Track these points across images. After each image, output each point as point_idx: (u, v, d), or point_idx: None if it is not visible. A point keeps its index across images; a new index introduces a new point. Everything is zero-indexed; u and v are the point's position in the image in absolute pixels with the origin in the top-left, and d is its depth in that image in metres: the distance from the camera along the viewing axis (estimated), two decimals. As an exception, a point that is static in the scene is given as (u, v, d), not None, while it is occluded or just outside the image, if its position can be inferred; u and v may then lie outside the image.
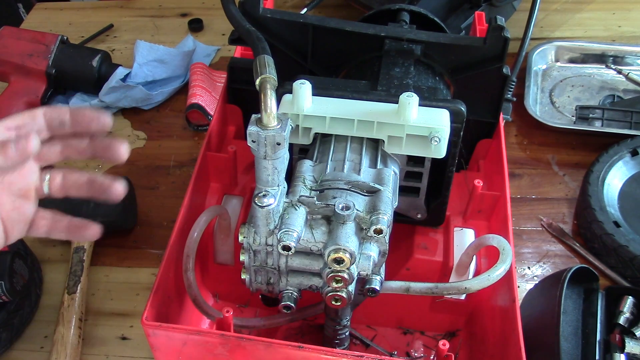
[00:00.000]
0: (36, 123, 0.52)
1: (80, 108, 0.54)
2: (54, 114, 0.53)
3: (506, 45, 0.69)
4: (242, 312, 0.80)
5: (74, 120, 0.54)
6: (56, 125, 0.54)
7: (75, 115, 0.54)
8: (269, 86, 0.50)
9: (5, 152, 0.48)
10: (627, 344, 0.72)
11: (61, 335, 0.78)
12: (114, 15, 1.36)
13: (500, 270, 0.59)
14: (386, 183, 0.57)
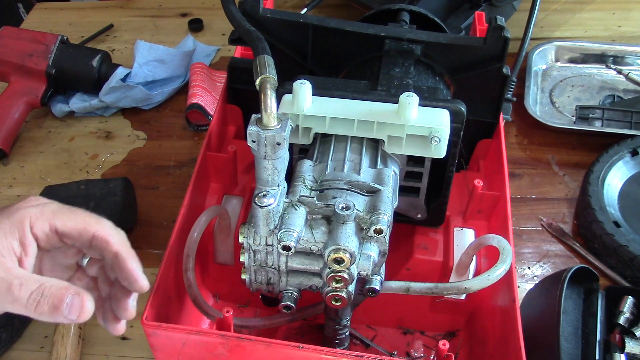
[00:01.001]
0: (82, 240, 0.50)
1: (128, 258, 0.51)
2: (100, 244, 0.50)
3: (506, 45, 0.69)
4: (242, 312, 0.80)
5: (115, 264, 0.51)
6: (94, 255, 0.53)
7: (117, 262, 0.51)
8: (269, 86, 0.50)
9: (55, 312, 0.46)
10: (627, 344, 0.72)
11: (61, 335, 0.78)
12: (114, 15, 1.36)
13: (500, 270, 0.59)
14: (386, 183, 0.57)
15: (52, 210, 0.48)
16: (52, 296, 0.46)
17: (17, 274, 0.46)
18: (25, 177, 1.04)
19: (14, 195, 1.01)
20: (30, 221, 0.47)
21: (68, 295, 0.46)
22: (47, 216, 0.48)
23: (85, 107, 1.11)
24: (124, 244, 0.51)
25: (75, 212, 0.49)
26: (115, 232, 0.50)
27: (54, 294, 0.46)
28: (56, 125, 1.12)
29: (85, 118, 1.13)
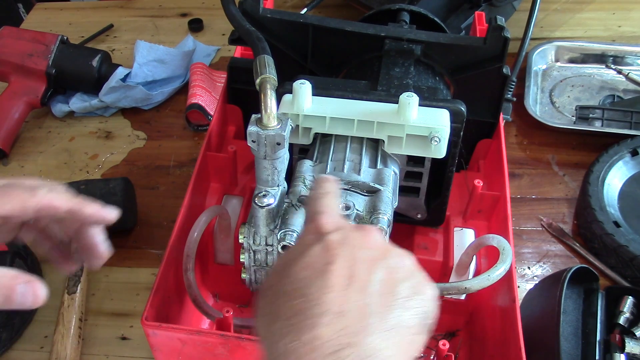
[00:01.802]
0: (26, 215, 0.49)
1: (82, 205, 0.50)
2: (49, 211, 0.49)
3: (506, 45, 0.69)
4: (242, 312, 0.80)
5: (69, 216, 0.51)
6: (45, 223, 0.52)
7: (76, 215, 0.51)
8: (269, 86, 0.50)
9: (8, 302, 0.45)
10: (627, 344, 0.72)
11: (61, 335, 0.78)
12: (114, 15, 1.36)
13: (500, 270, 0.59)
14: (386, 183, 0.57)
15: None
16: (3, 287, 0.45)
17: None
18: (25, 177, 1.03)
19: (14, 195, 1.00)
20: None
21: (18, 285, 0.46)
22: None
23: (85, 107, 1.11)
24: (69, 198, 0.51)
25: (11, 193, 0.48)
26: (54, 193, 0.50)
27: (4, 285, 0.45)
28: (56, 125, 1.12)
29: (85, 118, 1.13)
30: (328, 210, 0.44)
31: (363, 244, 0.41)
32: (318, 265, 0.39)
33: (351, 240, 0.41)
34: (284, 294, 0.39)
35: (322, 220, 0.42)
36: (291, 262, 0.40)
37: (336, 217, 0.43)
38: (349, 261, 0.39)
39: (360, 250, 0.40)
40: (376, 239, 0.42)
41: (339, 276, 0.38)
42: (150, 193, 0.98)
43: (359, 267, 0.39)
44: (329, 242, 0.40)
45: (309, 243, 0.41)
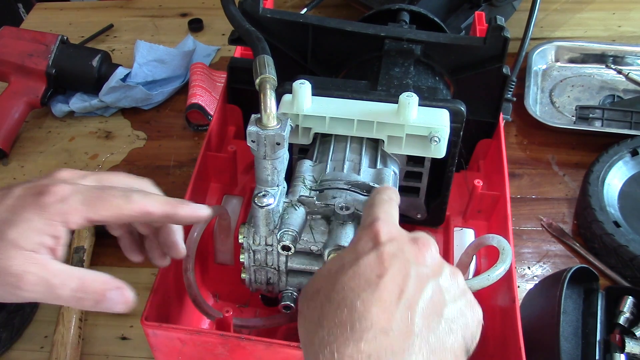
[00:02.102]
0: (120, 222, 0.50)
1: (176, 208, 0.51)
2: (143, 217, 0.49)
3: (506, 45, 0.69)
4: (242, 312, 0.80)
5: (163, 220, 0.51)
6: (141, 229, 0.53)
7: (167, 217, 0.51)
8: (268, 86, 0.50)
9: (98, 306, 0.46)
10: (627, 344, 0.72)
11: (61, 335, 0.78)
12: (114, 15, 1.36)
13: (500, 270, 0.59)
14: (386, 183, 0.57)
15: (84, 200, 0.46)
16: (94, 293, 0.46)
17: (55, 270, 0.45)
18: (25, 177, 1.04)
19: (14, 195, 1.00)
20: (64, 218, 0.45)
21: (109, 291, 0.46)
22: (80, 210, 0.45)
23: (85, 107, 1.11)
24: (163, 202, 0.51)
25: (106, 199, 0.47)
26: (149, 198, 0.49)
27: (96, 290, 0.46)
28: (56, 125, 1.12)
29: (85, 118, 1.13)
30: (387, 218, 0.44)
31: (417, 259, 0.41)
32: (369, 275, 0.39)
33: (406, 253, 0.41)
34: (330, 301, 0.39)
35: (380, 228, 0.42)
36: (342, 268, 0.40)
37: (394, 227, 0.43)
38: (400, 276, 0.39)
39: (412, 266, 0.40)
40: (431, 254, 0.43)
41: (388, 291, 0.38)
42: (150, 193, 0.98)
43: (410, 283, 0.39)
44: (384, 253, 0.40)
45: (363, 251, 0.41)
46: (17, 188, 0.46)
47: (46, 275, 0.44)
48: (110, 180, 0.50)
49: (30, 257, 0.44)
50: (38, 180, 0.48)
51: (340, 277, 0.39)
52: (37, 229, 0.44)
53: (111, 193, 0.47)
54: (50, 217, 0.45)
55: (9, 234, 0.43)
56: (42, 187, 0.46)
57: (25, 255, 0.43)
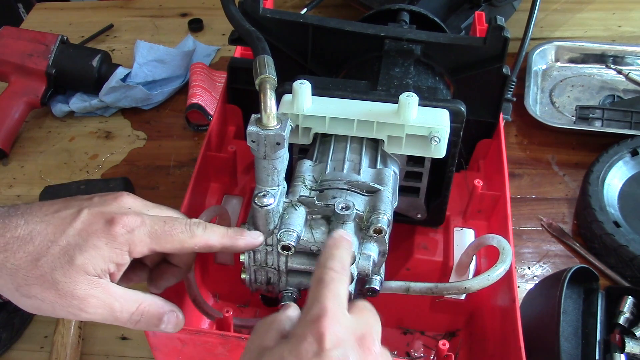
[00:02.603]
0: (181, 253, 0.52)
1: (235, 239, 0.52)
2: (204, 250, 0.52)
3: (506, 45, 0.69)
4: (242, 312, 0.80)
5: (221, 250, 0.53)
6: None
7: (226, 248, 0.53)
8: (268, 86, 0.50)
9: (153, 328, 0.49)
10: (627, 344, 0.72)
11: (61, 335, 0.78)
12: (114, 15, 1.36)
13: (500, 270, 0.59)
14: (386, 183, 0.57)
15: (150, 233, 0.48)
16: (151, 316, 0.49)
17: (117, 295, 0.47)
18: (25, 177, 1.04)
19: (14, 195, 1.01)
20: (130, 248, 0.47)
21: (165, 315, 0.50)
22: (145, 242, 0.48)
23: (85, 107, 1.11)
24: (222, 234, 0.52)
25: (171, 233, 0.49)
26: (210, 232, 0.51)
27: (152, 314, 0.49)
28: (56, 125, 1.12)
29: (85, 118, 1.13)
30: (335, 311, 0.42)
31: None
32: None
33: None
34: None
35: (326, 330, 0.40)
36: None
37: (341, 324, 0.41)
38: None
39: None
40: (374, 357, 0.42)
41: None
42: (150, 193, 0.98)
43: None
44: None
45: (306, 356, 0.39)
46: (85, 211, 0.48)
47: (108, 300, 0.47)
48: (175, 213, 0.53)
49: (95, 282, 0.46)
50: (104, 201, 0.49)
51: None
52: (104, 257, 0.46)
53: (175, 227, 0.49)
54: (118, 246, 0.47)
55: (78, 259, 0.45)
56: (112, 215, 0.48)
57: (91, 280, 0.46)
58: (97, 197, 0.50)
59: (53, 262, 0.45)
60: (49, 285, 0.45)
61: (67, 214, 0.47)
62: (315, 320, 0.41)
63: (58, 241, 0.46)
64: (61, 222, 0.47)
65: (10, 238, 0.45)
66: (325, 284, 0.44)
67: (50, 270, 0.45)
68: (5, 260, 0.45)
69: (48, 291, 0.45)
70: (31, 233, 0.46)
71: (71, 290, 0.45)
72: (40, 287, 0.45)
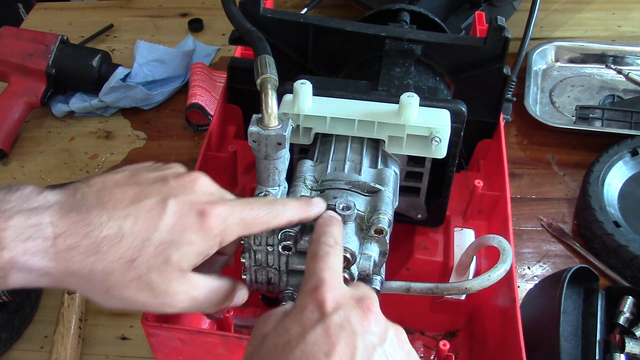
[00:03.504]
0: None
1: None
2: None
3: (506, 45, 0.69)
4: (242, 312, 0.80)
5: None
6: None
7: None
8: (269, 86, 0.50)
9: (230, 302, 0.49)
10: (627, 344, 0.72)
11: (61, 335, 0.78)
12: (114, 15, 1.36)
13: (501, 271, 0.59)
14: (387, 183, 0.57)
15: (240, 221, 0.46)
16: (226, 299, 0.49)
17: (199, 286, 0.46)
18: (25, 177, 1.04)
19: (14, 195, 1.00)
20: (222, 239, 0.45)
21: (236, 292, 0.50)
22: (236, 230, 0.46)
23: (85, 107, 1.11)
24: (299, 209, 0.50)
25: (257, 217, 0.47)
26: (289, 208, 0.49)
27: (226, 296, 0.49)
28: (56, 125, 1.12)
29: (85, 118, 1.13)
30: (332, 280, 0.43)
31: (363, 327, 0.41)
32: (317, 355, 0.39)
33: (352, 323, 0.40)
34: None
35: (325, 296, 0.41)
36: (289, 345, 0.39)
37: (339, 290, 0.42)
38: (348, 351, 0.39)
39: (359, 337, 0.40)
40: (375, 318, 0.42)
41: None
42: (150, 193, 0.98)
43: (358, 357, 0.39)
44: (330, 326, 0.40)
45: (309, 324, 0.40)
46: (172, 202, 0.44)
47: (193, 293, 0.46)
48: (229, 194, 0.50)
49: (185, 276, 0.45)
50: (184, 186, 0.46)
51: (289, 356, 0.39)
52: (199, 252, 0.44)
53: (260, 209, 0.47)
54: (212, 239, 0.45)
55: (174, 257, 0.43)
56: (202, 206, 0.45)
57: (182, 276, 0.44)
58: (172, 178, 0.46)
59: (149, 262, 0.42)
60: (144, 286, 0.43)
61: (152, 204, 0.43)
62: (313, 290, 0.42)
63: (152, 238, 0.42)
64: (149, 215, 0.43)
65: (97, 238, 0.41)
66: (320, 257, 0.44)
67: (147, 271, 0.42)
68: (96, 264, 0.41)
69: (142, 292, 0.43)
70: (120, 231, 0.42)
71: (165, 289, 0.43)
72: (135, 288, 0.43)
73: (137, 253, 0.42)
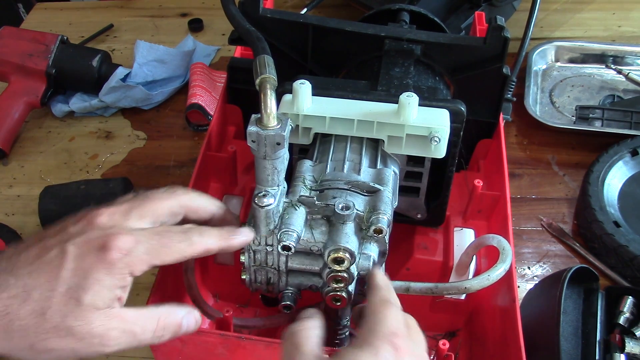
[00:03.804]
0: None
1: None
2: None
3: (506, 45, 0.69)
4: (242, 312, 0.80)
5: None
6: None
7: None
8: (269, 86, 0.50)
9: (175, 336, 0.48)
10: (627, 344, 0.72)
11: (61, 335, 0.78)
12: (114, 15, 1.36)
13: (500, 270, 0.59)
14: (386, 183, 0.57)
15: (147, 250, 0.46)
16: (171, 325, 0.48)
17: (133, 318, 0.46)
18: (25, 177, 1.04)
19: (14, 195, 1.01)
20: (131, 270, 0.45)
21: (183, 319, 0.49)
22: (144, 260, 0.46)
23: (85, 107, 1.11)
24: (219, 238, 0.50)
25: (168, 245, 0.47)
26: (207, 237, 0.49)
27: (172, 323, 0.48)
28: (56, 125, 1.12)
29: (85, 118, 1.13)
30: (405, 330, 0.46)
31: None
32: None
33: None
34: None
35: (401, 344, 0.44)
36: None
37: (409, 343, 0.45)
38: None
39: None
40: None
41: None
42: (150, 193, 0.98)
43: None
44: None
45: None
46: (70, 247, 0.45)
47: (127, 327, 0.45)
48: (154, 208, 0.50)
49: (108, 314, 0.44)
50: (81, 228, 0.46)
51: None
52: (109, 287, 0.44)
53: (171, 238, 0.47)
54: (119, 272, 0.45)
55: (85, 299, 0.43)
56: (101, 241, 0.45)
57: (104, 314, 0.44)
58: (70, 225, 0.47)
59: (61, 310, 0.43)
60: (65, 333, 0.43)
61: (52, 257, 0.44)
62: (391, 335, 0.45)
63: (57, 289, 0.43)
64: (50, 267, 0.44)
65: (7, 299, 0.42)
66: (392, 306, 0.48)
67: (62, 319, 0.43)
68: (11, 324, 0.42)
69: (65, 339, 0.43)
70: (25, 288, 0.43)
71: (89, 331, 0.43)
72: (57, 338, 0.43)
73: (46, 305, 0.43)
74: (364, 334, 0.45)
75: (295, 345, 0.45)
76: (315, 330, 0.47)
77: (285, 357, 0.46)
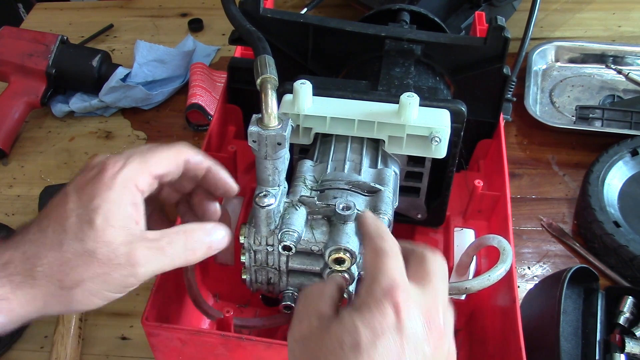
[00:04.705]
0: (177, 172, 0.49)
1: (218, 169, 0.51)
2: (195, 166, 0.50)
3: (506, 45, 0.69)
4: (242, 312, 0.80)
5: (206, 178, 0.51)
6: (189, 176, 0.51)
7: (210, 175, 0.51)
8: (269, 86, 0.50)
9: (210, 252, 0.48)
10: (627, 344, 0.72)
11: (61, 335, 0.78)
12: (114, 15, 1.36)
13: (501, 271, 0.59)
14: (387, 183, 0.57)
15: (141, 160, 0.45)
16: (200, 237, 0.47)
17: (157, 236, 0.44)
18: (25, 177, 1.04)
19: (14, 195, 1.01)
20: (133, 181, 0.44)
21: (212, 231, 0.48)
22: (143, 169, 0.45)
23: (85, 107, 1.11)
24: (210, 158, 0.51)
25: (158, 152, 0.47)
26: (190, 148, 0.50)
27: (200, 235, 0.47)
28: (56, 125, 1.12)
29: (85, 118, 1.13)
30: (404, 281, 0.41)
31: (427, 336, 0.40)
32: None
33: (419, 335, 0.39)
34: None
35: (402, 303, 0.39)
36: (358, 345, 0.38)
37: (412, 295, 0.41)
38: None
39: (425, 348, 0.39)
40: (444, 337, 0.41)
41: None
42: (150, 193, 0.98)
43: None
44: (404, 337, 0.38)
45: (382, 328, 0.38)
46: (68, 188, 0.45)
47: (152, 244, 0.44)
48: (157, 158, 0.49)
49: (128, 233, 0.43)
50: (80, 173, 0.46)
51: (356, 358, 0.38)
52: (118, 203, 0.43)
53: (159, 147, 0.47)
54: (122, 185, 0.44)
55: (97, 219, 0.42)
56: (94, 171, 0.45)
57: (123, 233, 0.43)
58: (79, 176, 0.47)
59: (77, 236, 0.42)
60: (88, 258, 0.42)
61: (55, 204, 0.44)
62: (388, 290, 0.40)
63: (69, 219, 0.42)
64: (56, 211, 0.44)
65: (25, 244, 0.43)
66: (386, 255, 0.43)
67: (80, 244, 0.42)
68: (33, 267, 0.42)
69: (91, 267, 0.42)
70: (40, 227, 0.43)
71: (112, 251, 0.42)
72: (81, 266, 0.42)
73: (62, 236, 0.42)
74: (361, 293, 0.41)
75: (303, 303, 0.44)
76: (329, 291, 0.44)
77: (294, 316, 0.43)
